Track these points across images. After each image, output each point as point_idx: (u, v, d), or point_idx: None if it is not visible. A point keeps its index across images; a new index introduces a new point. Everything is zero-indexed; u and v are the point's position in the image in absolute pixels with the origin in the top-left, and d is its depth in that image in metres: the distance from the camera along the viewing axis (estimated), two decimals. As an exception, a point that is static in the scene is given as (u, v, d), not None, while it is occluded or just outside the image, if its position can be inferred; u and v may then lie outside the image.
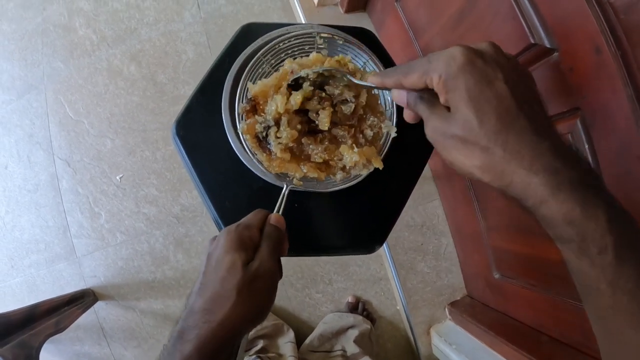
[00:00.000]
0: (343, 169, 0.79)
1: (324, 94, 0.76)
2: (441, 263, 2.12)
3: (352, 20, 2.32)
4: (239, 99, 0.78)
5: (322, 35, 0.85)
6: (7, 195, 2.55)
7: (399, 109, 0.82)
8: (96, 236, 2.38)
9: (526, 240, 1.47)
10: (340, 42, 0.87)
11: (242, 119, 0.79)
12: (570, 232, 0.46)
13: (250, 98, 0.78)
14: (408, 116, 0.65)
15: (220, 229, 0.94)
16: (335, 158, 0.78)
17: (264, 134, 0.76)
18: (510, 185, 0.49)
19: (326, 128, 0.75)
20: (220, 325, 0.61)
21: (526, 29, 1.07)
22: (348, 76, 0.72)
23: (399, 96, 0.62)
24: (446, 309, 2.08)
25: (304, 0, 2.35)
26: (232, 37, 1.04)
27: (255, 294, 0.64)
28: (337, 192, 0.86)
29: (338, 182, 0.80)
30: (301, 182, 0.79)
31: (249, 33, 1.03)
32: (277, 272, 0.70)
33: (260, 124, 0.76)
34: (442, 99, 0.54)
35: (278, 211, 0.76)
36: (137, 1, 2.61)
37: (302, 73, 0.72)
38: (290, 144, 0.75)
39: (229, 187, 0.95)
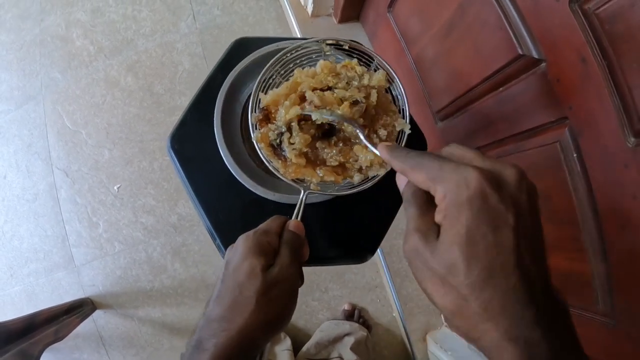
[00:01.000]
0: (360, 170, 0.77)
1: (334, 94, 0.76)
2: None
3: (345, 30, 2.34)
4: (251, 110, 0.78)
5: (328, 42, 0.86)
6: (5, 204, 2.56)
7: (413, 124, 0.83)
8: (94, 245, 2.38)
9: None
10: (346, 47, 0.88)
11: (255, 128, 0.78)
12: None
13: (263, 108, 0.79)
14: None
15: (214, 240, 0.95)
16: (351, 160, 0.77)
17: (278, 141, 0.76)
18: (477, 340, 0.44)
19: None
20: (239, 333, 0.58)
21: (514, 40, 1.08)
22: (360, 134, 0.71)
23: (398, 181, 0.57)
24: (442, 316, 2.09)
25: (298, 11, 2.37)
26: (225, 52, 1.06)
27: (275, 300, 0.62)
28: (328, 202, 0.88)
29: (356, 183, 0.78)
30: (319, 187, 0.78)
31: (241, 48, 1.05)
32: (298, 278, 0.68)
33: (274, 131, 0.76)
34: (437, 217, 0.46)
35: (297, 217, 0.74)
36: (133, 12, 2.64)
37: (314, 117, 0.73)
38: (305, 149, 0.75)
39: (223, 199, 0.96)
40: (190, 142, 0.98)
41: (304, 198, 0.76)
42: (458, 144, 0.50)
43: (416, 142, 0.84)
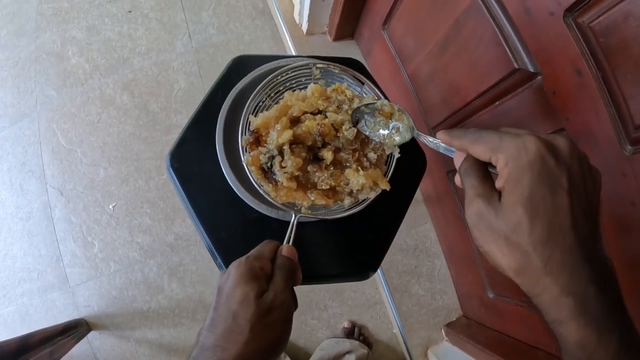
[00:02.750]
0: (350, 193, 0.79)
1: (325, 121, 0.78)
2: (435, 285, 2.15)
3: (340, 48, 2.37)
4: (241, 133, 0.80)
5: (318, 66, 0.87)
6: None
7: (416, 145, 0.85)
8: (89, 265, 2.37)
9: None
10: (336, 71, 0.89)
11: (246, 151, 0.79)
12: (579, 355, 0.46)
13: (253, 130, 0.80)
14: (458, 181, 0.62)
15: (215, 259, 0.95)
16: (341, 183, 0.79)
17: (269, 164, 0.77)
18: (538, 296, 0.49)
19: (330, 160, 0.78)
20: None
21: (510, 54, 1.10)
22: (416, 130, 0.74)
23: (456, 163, 0.61)
24: (443, 330, 2.10)
25: (293, 29, 2.40)
26: (223, 70, 1.07)
27: (269, 327, 0.62)
28: (329, 220, 0.88)
29: (346, 207, 0.81)
30: (309, 211, 0.79)
31: (240, 65, 1.07)
32: (292, 303, 0.69)
33: (265, 154, 0.77)
34: (498, 183, 0.52)
35: (288, 241, 0.75)
36: (129, 30, 2.66)
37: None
38: (296, 173, 0.76)
39: (224, 218, 0.96)
40: (190, 160, 0.99)
41: (295, 222, 0.77)
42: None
43: (415, 158, 0.85)
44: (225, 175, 0.92)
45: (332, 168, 0.79)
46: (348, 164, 0.79)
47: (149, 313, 2.31)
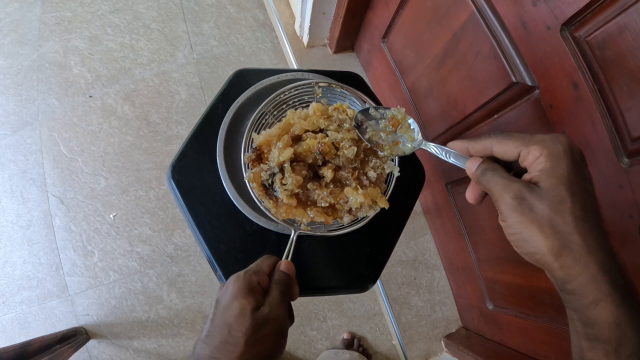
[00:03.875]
0: (349, 211, 0.80)
1: (326, 139, 0.79)
2: (435, 296, 2.15)
3: (340, 60, 2.39)
4: (244, 149, 0.81)
5: (320, 84, 0.88)
6: None
7: (415, 159, 0.85)
8: (89, 274, 2.37)
9: (517, 270, 1.51)
10: (338, 90, 0.90)
11: (248, 167, 0.81)
12: (613, 334, 0.48)
13: (256, 147, 0.81)
14: (470, 195, 0.65)
15: (215, 271, 0.96)
16: (341, 201, 0.79)
17: (270, 181, 0.78)
18: (578, 276, 0.50)
19: (330, 178, 0.78)
20: None
21: (508, 67, 1.12)
22: (424, 142, 0.73)
23: (471, 167, 0.62)
24: (442, 342, 2.10)
25: (294, 41, 2.43)
26: (224, 83, 1.08)
27: (264, 340, 0.64)
28: (330, 236, 0.88)
29: (345, 224, 0.82)
30: (309, 228, 0.80)
31: (241, 79, 1.09)
32: (287, 317, 0.70)
33: (266, 171, 0.78)
34: (530, 175, 0.55)
35: (287, 257, 0.76)
36: (131, 41, 2.68)
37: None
38: (296, 190, 0.77)
39: (224, 230, 0.98)
40: (191, 172, 1.00)
41: (294, 238, 0.79)
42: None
43: (414, 172, 0.86)
44: (226, 188, 0.93)
45: (331, 186, 0.80)
46: (348, 182, 0.80)
47: (147, 323, 2.31)
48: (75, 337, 2.23)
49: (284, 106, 0.88)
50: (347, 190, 0.78)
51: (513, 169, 0.60)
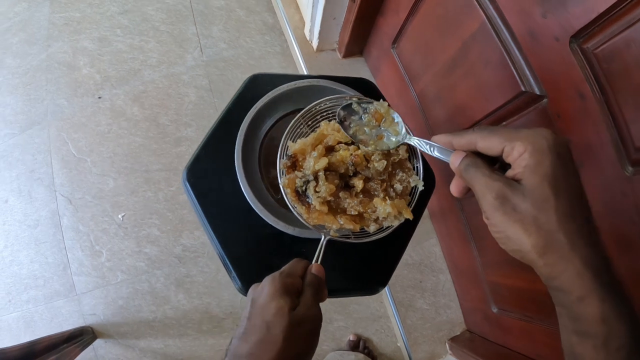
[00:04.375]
0: (376, 220, 0.83)
1: (358, 152, 0.82)
2: (440, 299, 2.18)
3: (349, 65, 2.43)
4: (279, 156, 0.85)
5: (354, 99, 0.92)
6: (6, 229, 2.58)
7: (425, 165, 0.90)
8: (96, 274, 2.40)
9: (521, 274, 1.54)
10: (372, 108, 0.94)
11: (283, 174, 0.84)
12: (600, 329, 0.50)
13: (291, 155, 0.84)
14: (454, 188, 0.68)
15: (230, 272, 1.00)
16: (369, 210, 0.82)
17: (304, 188, 0.82)
18: (562, 273, 0.51)
19: (360, 188, 0.82)
20: None
21: (517, 77, 1.16)
22: (408, 135, 0.79)
23: (455, 161, 0.64)
24: (447, 344, 2.13)
25: (303, 45, 2.47)
26: (240, 87, 1.11)
27: (300, 338, 0.66)
28: (340, 241, 0.89)
29: (371, 232, 0.84)
30: (337, 234, 0.83)
31: (256, 83, 1.11)
32: (321, 317, 0.72)
33: (300, 179, 0.82)
34: (514, 171, 0.55)
35: (317, 260, 0.80)
36: (140, 43, 2.73)
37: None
38: (328, 198, 0.81)
39: (239, 233, 1.01)
40: (206, 175, 1.04)
41: (324, 243, 0.82)
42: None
43: (424, 177, 0.89)
44: (244, 192, 0.96)
45: (361, 196, 0.83)
46: (376, 193, 0.84)
47: (154, 323, 2.34)
48: (82, 337, 2.26)
49: (318, 117, 0.91)
50: (376, 201, 0.81)
51: (498, 162, 0.61)
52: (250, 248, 1.01)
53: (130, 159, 2.52)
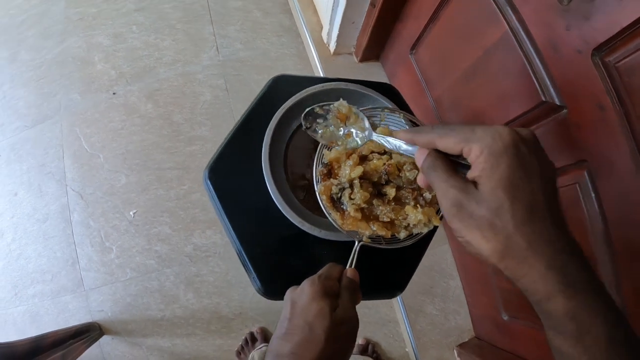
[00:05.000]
0: (406, 227, 0.87)
1: (391, 161, 0.87)
2: (449, 305, 2.21)
3: (365, 69, 2.49)
4: (316, 164, 0.90)
5: (386, 110, 0.97)
6: (14, 222, 2.63)
7: None
8: (105, 271, 2.44)
9: None
10: (397, 115, 0.97)
11: (318, 181, 0.89)
12: (570, 326, 0.51)
13: (326, 163, 0.89)
14: (422, 183, 0.69)
15: (249, 273, 1.03)
16: (400, 217, 0.86)
17: (339, 195, 0.86)
18: (524, 277, 0.53)
19: (392, 196, 0.86)
20: None
21: (538, 87, 1.20)
22: (373, 133, 0.82)
23: (418, 159, 0.65)
24: (455, 351, 2.16)
25: (320, 48, 2.53)
26: (263, 88, 1.15)
27: (340, 339, 0.70)
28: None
29: (402, 239, 0.89)
30: (369, 240, 0.88)
31: (280, 84, 1.16)
32: (358, 320, 0.75)
33: (336, 186, 0.86)
34: (472, 173, 0.56)
35: (351, 265, 0.84)
36: (156, 40, 2.80)
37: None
38: (363, 205, 0.84)
39: (260, 233, 1.04)
40: (229, 174, 1.07)
41: (357, 248, 0.86)
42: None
43: None
44: (271, 193, 0.99)
45: (393, 203, 0.87)
46: (407, 201, 0.87)
47: (162, 321, 2.37)
48: (88, 333, 2.30)
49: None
50: (407, 208, 0.85)
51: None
52: (271, 249, 1.05)
53: (142, 156, 2.57)
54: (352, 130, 0.85)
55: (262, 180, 1.01)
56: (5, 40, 3.08)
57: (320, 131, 0.87)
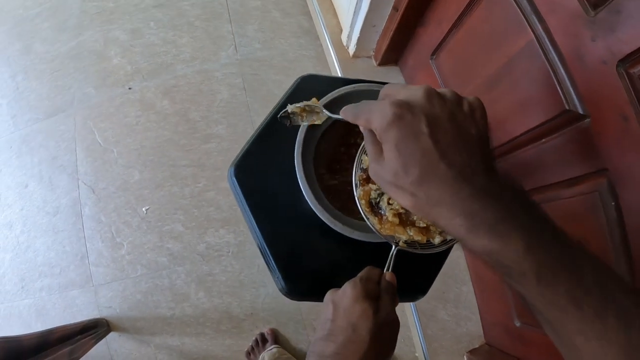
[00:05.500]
0: (441, 233, 0.90)
1: None
2: (461, 311, 2.23)
3: (384, 73, 2.54)
4: (355, 170, 0.93)
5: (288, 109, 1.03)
6: (24, 214, 2.70)
7: None
8: (115, 266, 2.49)
9: None
10: None
11: (357, 186, 0.92)
12: (489, 260, 0.56)
13: (365, 168, 0.93)
14: None
15: (273, 272, 1.05)
16: None
17: (377, 200, 0.90)
18: (435, 223, 0.59)
19: None
20: None
21: (562, 95, 1.23)
22: (324, 110, 0.97)
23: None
24: (465, 357, 2.19)
25: (340, 50, 2.58)
26: (291, 86, 1.18)
27: (383, 340, 0.73)
28: (386, 246, 0.94)
29: (436, 245, 0.91)
30: (405, 245, 0.91)
31: (308, 83, 1.18)
32: (399, 322, 0.79)
33: (375, 191, 0.90)
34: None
35: (388, 269, 0.87)
36: (174, 37, 2.86)
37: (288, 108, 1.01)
38: (400, 210, 0.88)
39: (287, 233, 1.07)
40: (255, 172, 1.10)
41: (394, 252, 0.90)
42: (393, 84, 0.66)
43: None
44: (304, 193, 1.01)
45: None
46: None
47: (172, 320, 2.41)
48: (96, 329, 2.35)
49: None
50: None
51: None
52: (296, 249, 1.07)
53: (157, 152, 2.62)
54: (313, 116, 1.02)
55: (290, 178, 1.03)
56: (20, 32, 3.15)
57: (298, 120, 1.04)
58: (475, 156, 0.57)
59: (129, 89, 2.77)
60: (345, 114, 0.69)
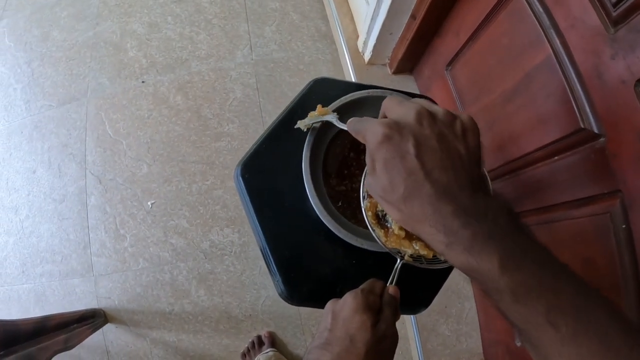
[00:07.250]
0: None
1: None
2: (462, 327, 2.20)
3: (398, 81, 2.53)
4: (363, 181, 0.89)
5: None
6: (30, 199, 2.70)
7: None
8: (117, 258, 2.48)
9: None
10: None
11: (364, 198, 0.90)
12: (472, 278, 0.57)
13: None
14: None
15: (273, 274, 1.04)
16: None
17: (383, 212, 0.89)
18: (421, 237, 0.61)
19: None
20: None
21: (577, 113, 1.21)
22: (334, 121, 0.96)
23: None
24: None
25: (355, 57, 2.57)
26: (304, 88, 1.16)
27: (380, 353, 0.72)
28: (390, 257, 0.92)
29: (442, 260, 0.89)
30: (411, 259, 0.88)
31: (321, 87, 1.17)
32: (398, 337, 0.78)
33: None
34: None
35: (392, 282, 0.86)
36: (191, 33, 2.86)
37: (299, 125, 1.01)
38: None
39: (291, 236, 1.05)
40: (262, 173, 1.08)
41: (399, 266, 0.89)
42: (392, 97, 0.68)
43: None
44: (310, 198, 1.00)
45: None
46: None
47: (170, 315, 2.40)
48: (93, 319, 2.35)
49: None
50: None
51: None
52: (299, 253, 1.05)
53: (167, 147, 2.62)
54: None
55: (297, 181, 1.02)
56: (39, 19, 3.17)
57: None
58: (461, 176, 0.60)
59: (143, 82, 2.78)
60: (349, 127, 0.71)
